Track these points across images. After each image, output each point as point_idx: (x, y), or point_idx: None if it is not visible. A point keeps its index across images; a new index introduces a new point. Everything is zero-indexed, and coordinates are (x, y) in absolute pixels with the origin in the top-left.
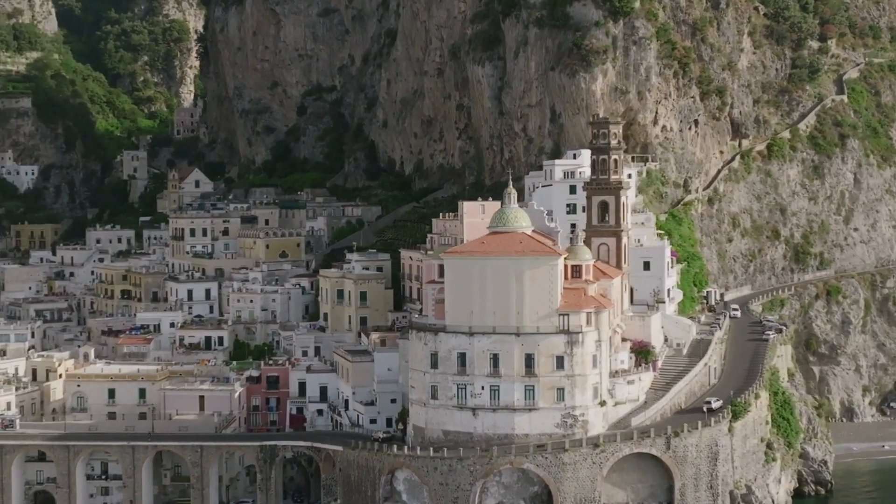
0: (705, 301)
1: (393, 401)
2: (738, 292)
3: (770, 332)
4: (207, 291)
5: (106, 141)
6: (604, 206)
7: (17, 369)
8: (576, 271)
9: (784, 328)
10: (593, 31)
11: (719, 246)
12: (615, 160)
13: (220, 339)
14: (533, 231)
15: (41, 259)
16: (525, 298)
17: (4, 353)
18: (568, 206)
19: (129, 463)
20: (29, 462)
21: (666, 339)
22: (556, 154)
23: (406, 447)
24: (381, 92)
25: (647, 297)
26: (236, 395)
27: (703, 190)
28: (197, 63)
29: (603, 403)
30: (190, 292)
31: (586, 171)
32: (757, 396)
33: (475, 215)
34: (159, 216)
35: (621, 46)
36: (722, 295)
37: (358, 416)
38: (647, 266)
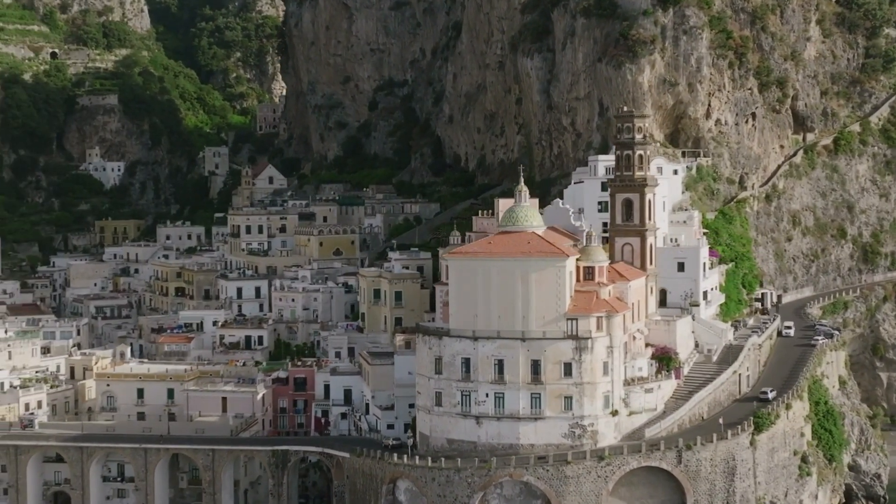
0: (759, 303)
1: (412, 406)
2: (798, 294)
3: (819, 338)
4: (257, 290)
5: (195, 137)
6: (628, 205)
7: (58, 367)
8: (588, 273)
9: (836, 333)
10: (641, 21)
11: (777, 245)
12: (640, 155)
13: (260, 339)
14: (550, 230)
15: (114, 255)
16: (531, 302)
17: (48, 351)
18: (600, 203)
19: (142, 465)
20: (47, 462)
21: (697, 345)
22: (605, 149)
23: (405, 456)
24: (447, 86)
25: (680, 299)
26: (259, 396)
27: (761, 186)
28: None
29: (615, 413)
30: (239, 290)
31: None
32: (788, 407)
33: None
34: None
35: (671, 36)
36: (779, 297)
37: (376, 420)
38: (681, 267)
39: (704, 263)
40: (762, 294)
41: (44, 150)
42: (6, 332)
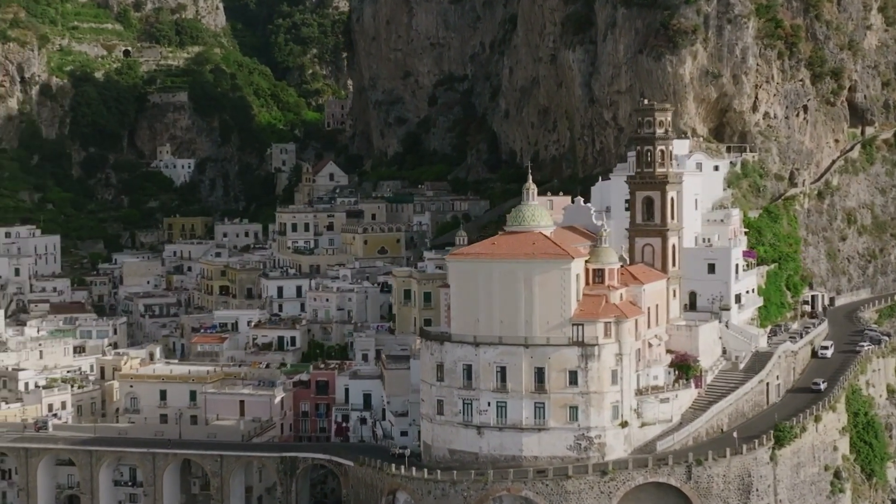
0: (808, 306)
1: None
2: (853, 296)
3: (865, 344)
4: (298, 289)
5: (267, 134)
6: (649, 203)
7: (91, 367)
8: (598, 276)
9: (886, 338)
10: (683, 10)
11: (829, 245)
12: (661, 151)
13: (293, 340)
14: (567, 230)
15: (174, 252)
16: (535, 306)
17: (83, 350)
18: (627, 202)
19: (150, 470)
20: (60, 465)
21: (724, 352)
22: None
23: (403, 467)
24: (503, 80)
25: (710, 303)
26: (277, 400)
27: (813, 183)
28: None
29: (624, 424)
30: (280, 289)
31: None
32: (818, 419)
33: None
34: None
35: (714, 26)
36: (831, 300)
37: (390, 427)
38: (711, 269)
39: (737, 265)
40: (811, 297)
41: (114, 148)
42: (38, 331)
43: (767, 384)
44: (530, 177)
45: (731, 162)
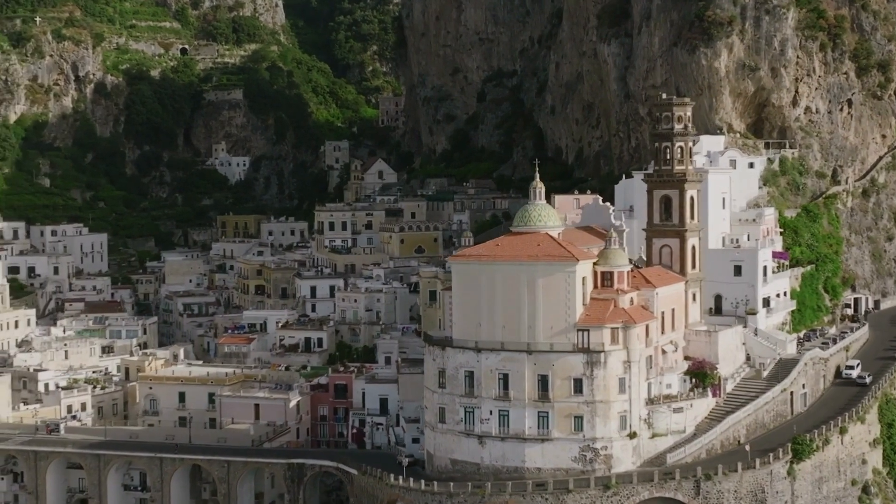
0: (849, 310)
1: None
2: None
3: None
4: (331, 288)
5: (324, 131)
6: (666, 202)
7: (118, 368)
8: (606, 279)
9: None
10: (718, 1)
11: (874, 245)
12: (680, 147)
13: (320, 341)
14: (581, 230)
15: (222, 251)
16: (538, 310)
17: (111, 350)
18: None
19: (157, 476)
20: (71, 469)
21: (748, 359)
22: None
23: (401, 478)
24: (550, 75)
25: (735, 307)
26: (292, 404)
27: (857, 181)
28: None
29: (633, 435)
30: (313, 289)
31: (698, 161)
32: (843, 431)
33: (569, 210)
34: None
35: (751, 17)
36: (876, 302)
37: (402, 433)
38: (737, 271)
39: (765, 266)
40: (854, 300)
41: (169, 146)
42: (65, 331)
43: (791, 393)
44: (537, 175)
45: (768, 159)
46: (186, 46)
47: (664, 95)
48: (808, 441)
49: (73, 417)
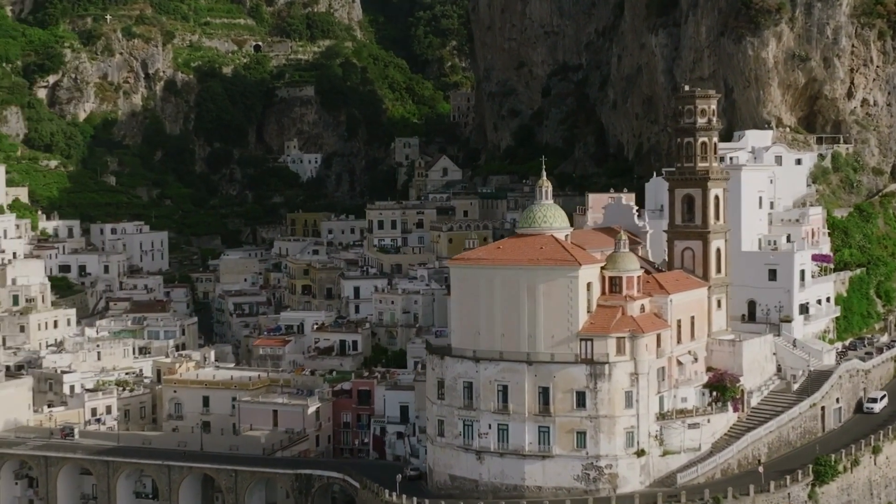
0: None
1: None
2: None
3: None
4: (375, 289)
5: (399, 128)
6: (689, 202)
7: (153, 369)
8: (615, 285)
9: None
10: None
11: None
12: (703, 143)
13: (355, 344)
14: (598, 231)
15: (279, 249)
16: (538, 318)
17: (148, 351)
18: None
19: (166, 484)
20: (84, 475)
21: (779, 370)
22: (728, 136)
23: (395, 494)
24: (612, 69)
25: (772, 313)
26: (310, 411)
27: None
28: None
29: (641, 453)
30: (356, 290)
31: (741, 157)
32: (876, 450)
33: (602, 209)
34: None
35: (802, 3)
36: None
37: (418, 443)
38: (772, 275)
39: (803, 270)
40: None
41: (239, 143)
42: (97, 332)
43: (823, 408)
44: (544, 173)
45: (819, 155)
46: (260, 43)
47: (686, 87)
48: (832, 462)
49: (98, 421)
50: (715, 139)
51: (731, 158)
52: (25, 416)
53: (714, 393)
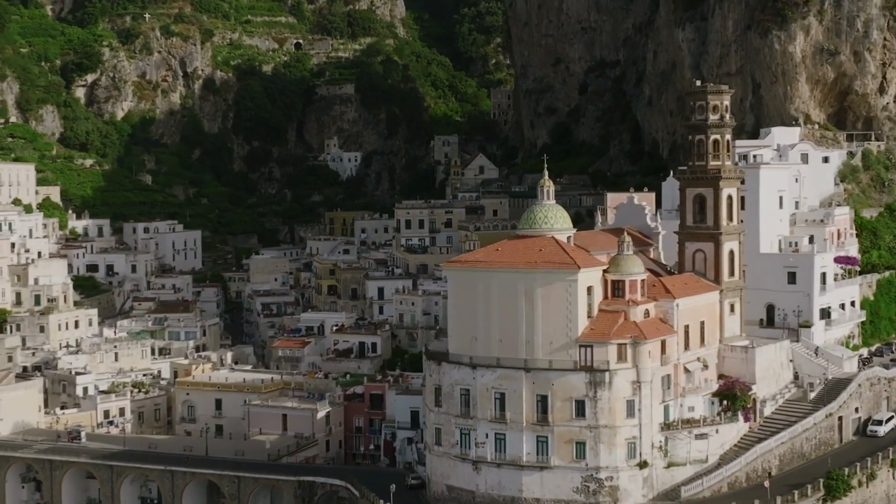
0: None
1: None
2: None
3: None
4: (397, 290)
5: (441, 125)
6: (700, 202)
7: (160, 372)
8: (617, 289)
9: None
10: None
11: None
12: (715, 141)
13: (374, 346)
14: (606, 233)
15: (310, 248)
16: (536, 323)
17: (168, 352)
18: None
19: (168, 489)
20: (90, 479)
21: (796, 378)
22: (755, 134)
23: (386, 502)
24: (647, 65)
25: (790, 318)
26: (320, 415)
27: None
28: None
29: (643, 465)
30: (381, 290)
31: (765, 155)
32: (895, 464)
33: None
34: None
35: None
36: None
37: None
38: (792, 278)
39: (824, 273)
40: None
41: (278, 142)
42: (115, 332)
43: (840, 419)
44: (546, 171)
45: (849, 152)
46: (300, 41)
47: (698, 83)
48: (844, 476)
49: (110, 423)
50: (728, 136)
51: (754, 156)
52: (35, 418)
53: (724, 402)
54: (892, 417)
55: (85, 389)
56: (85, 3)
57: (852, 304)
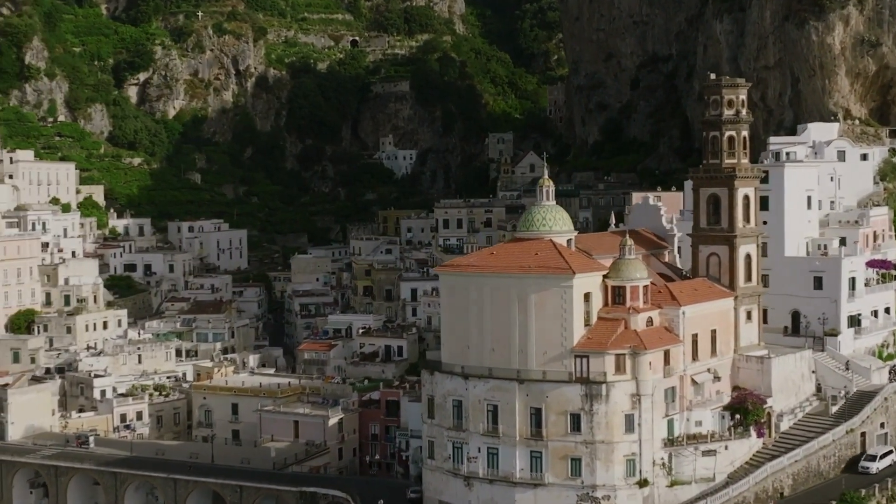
0: None
1: None
2: None
3: None
4: (425, 292)
5: (501, 122)
6: (714, 203)
7: (184, 374)
8: (618, 295)
9: None
10: None
11: None
12: (730, 138)
13: (400, 349)
14: (614, 234)
15: (352, 248)
16: (530, 331)
17: (195, 354)
18: None
19: (172, 498)
20: (97, 485)
21: (819, 390)
22: (794, 130)
23: None
24: (698, 59)
25: (814, 326)
26: (332, 422)
27: None
28: None
29: (643, 483)
30: (413, 292)
31: (798, 152)
32: None
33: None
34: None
35: None
36: None
37: None
38: (818, 283)
39: (853, 278)
40: None
41: (332, 140)
42: (139, 334)
43: (863, 434)
44: (546, 171)
45: (890, 149)
46: (357, 38)
47: (712, 76)
48: (859, 497)
49: (127, 427)
50: (745, 133)
51: (786, 154)
52: (49, 421)
53: (736, 416)
54: (889, 452)
55: (102, 392)
56: (139, 1)
57: (886, 311)
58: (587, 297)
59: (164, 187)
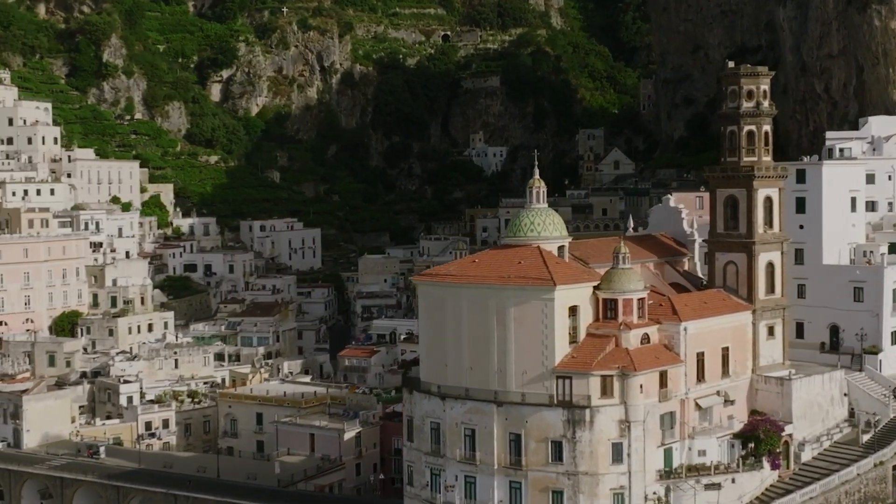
0: None
1: None
2: None
3: None
4: None
5: (598, 118)
6: (732, 205)
7: (223, 380)
8: (609, 309)
9: None
10: None
11: None
12: (749, 133)
13: None
14: (629, 242)
15: (424, 249)
16: (509, 349)
17: (237, 358)
18: None
19: None
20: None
21: (852, 415)
22: (855, 124)
23: None
24: (783, 50)
25: (849, 342)
26: (348, 436)
27: None
28: None
29: None
30: None
31: (854, 148)
32: None
33: (691, 210)
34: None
35: None
36: None
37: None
38: (858, 296)
39: None
40: None
41: (419, 137)
42: (177, 337)
43: (895, 468)
44: (536, 170)
45: None
46: (448, 33)
47: (731, 64)
48: None
49: (152, 436)
50: (766, 127)
51: (840, 150)
52: (67, 429)
53: (749, 445)
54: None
55: (129, 399)
56: None
57: None
58: (573, 310)
59: (239, 185)
